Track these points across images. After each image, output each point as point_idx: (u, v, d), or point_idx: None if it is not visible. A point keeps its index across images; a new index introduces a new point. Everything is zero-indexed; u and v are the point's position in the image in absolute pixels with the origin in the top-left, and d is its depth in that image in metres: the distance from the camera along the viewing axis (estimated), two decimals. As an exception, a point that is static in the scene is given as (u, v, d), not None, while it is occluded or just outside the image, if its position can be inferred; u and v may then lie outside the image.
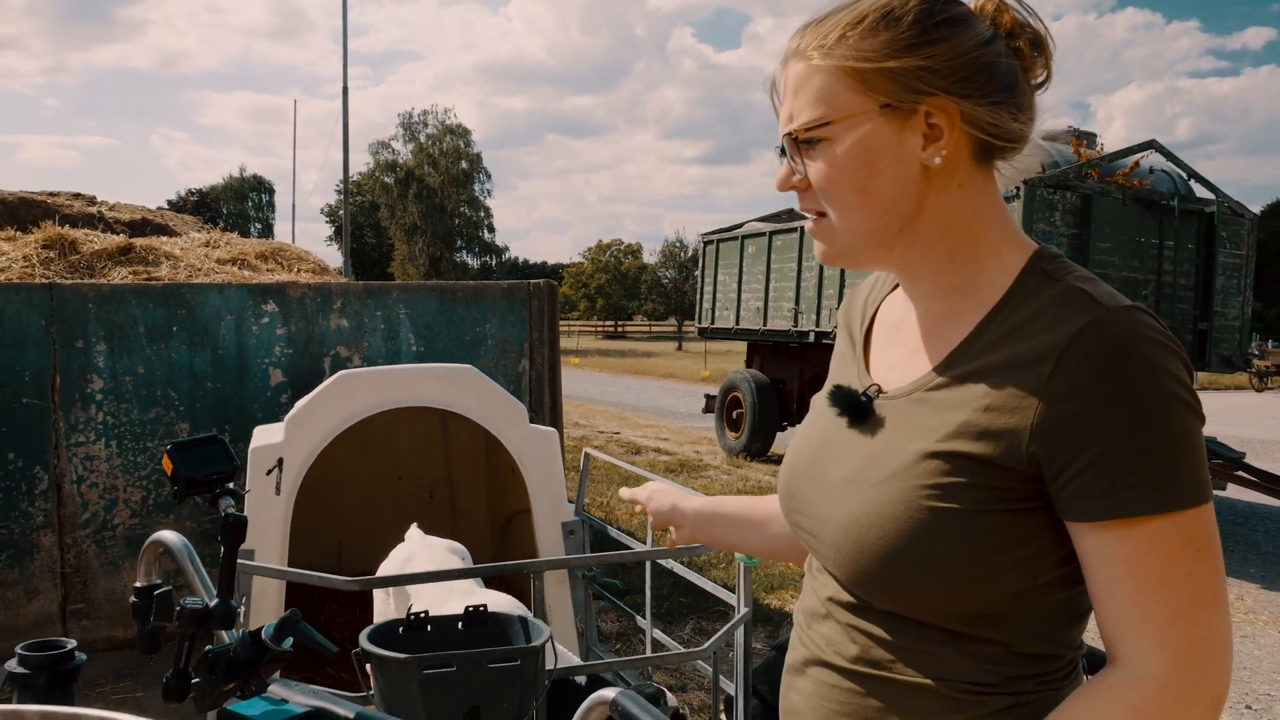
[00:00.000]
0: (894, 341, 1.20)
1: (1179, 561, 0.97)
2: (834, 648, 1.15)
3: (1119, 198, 9.10)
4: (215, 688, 1.25)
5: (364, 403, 3.65)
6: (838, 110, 1.07)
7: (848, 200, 1.09)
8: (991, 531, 1.02)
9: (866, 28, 1.06)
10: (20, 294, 5.11)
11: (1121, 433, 0.96)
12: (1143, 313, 1.00)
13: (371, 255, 67.75)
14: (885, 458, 1.09)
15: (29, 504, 5.09)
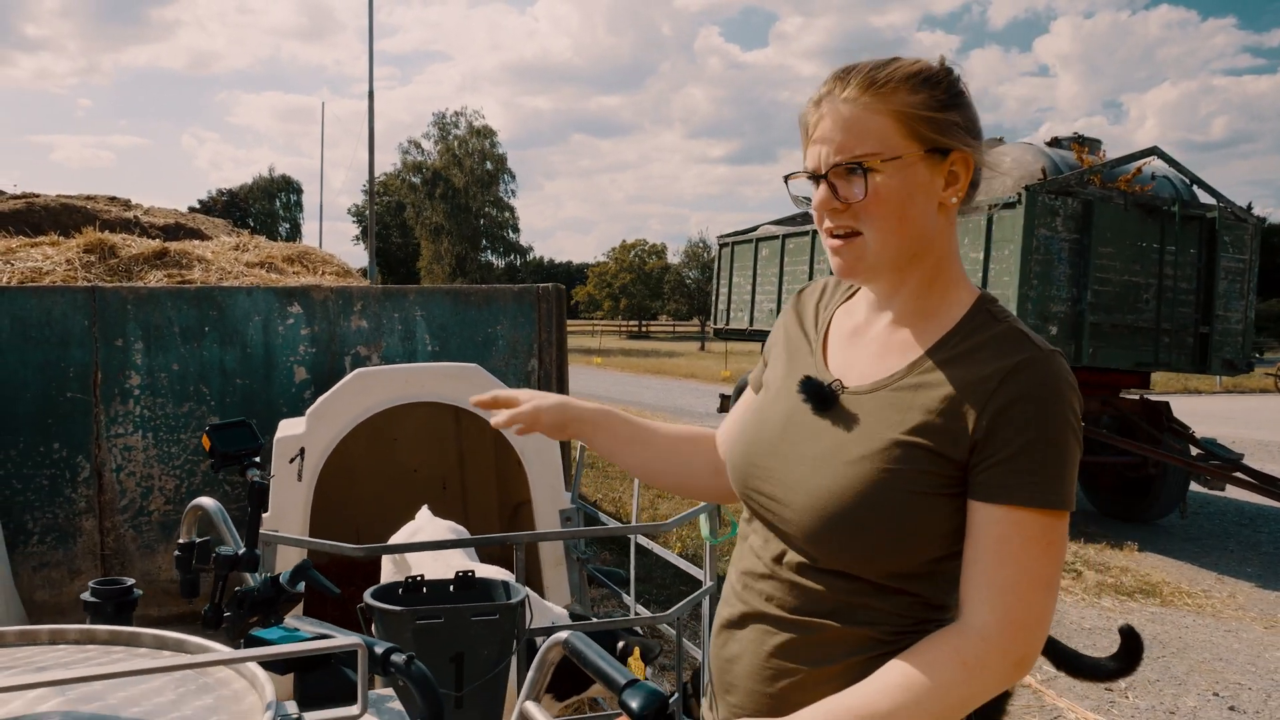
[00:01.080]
0: (853, 345, 1.44)
1: (1031, 548, 1.25)
2: (775, 602, 1.38)
3: (1120, 203, 9.26)
4: (242, 620, 1.58)
5: (379, 398, 3.99)
6: (891, 149, 1.30)
7: (888, 225, 1.32)
8: (931, 510, 1.29)
9: (915, 84, 1.31)
10: (66, 296, 5.50)
11: (1032, 444, 1.25)
12: (1062, 357, 1.32)
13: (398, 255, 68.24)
14: (856, 442, 1.33)
15: (72, 490, 5.48)
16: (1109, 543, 8.69)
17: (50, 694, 1.18)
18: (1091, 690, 5.04)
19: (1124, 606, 6.69)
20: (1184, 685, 5.20)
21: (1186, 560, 8.29)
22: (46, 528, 5.46)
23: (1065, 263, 9.14)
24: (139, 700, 1.20)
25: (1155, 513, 9.88)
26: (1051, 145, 10.43)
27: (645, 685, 1.46)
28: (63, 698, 1.18)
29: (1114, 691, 5.07)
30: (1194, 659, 5.63)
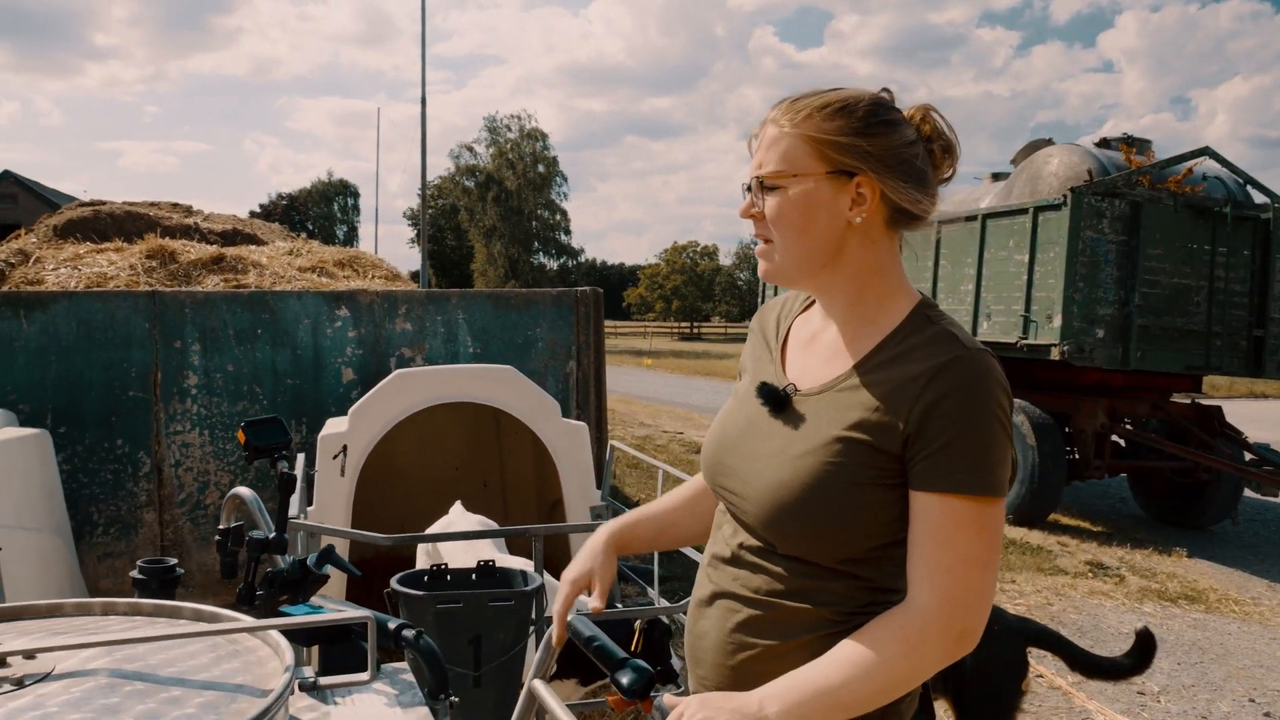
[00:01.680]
0: (807, 352, 1.58)
1: (965, 532, 1.37)
2: (740, 582, 1.51)
3: (1170, 204, 9.15)
4: (273, 598, 1.74)
5: (417, 398, 4.17)
6: (795, 168, 1.45)
7: (789, 235, 1.47)
8: (871, 499, 1.41)
9: (829, 112, 1.45)
10: (128, 300, 5.78)
11: (960, 435, 1.36)
12: (990, 355, 1.42)
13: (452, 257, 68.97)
14: (802, 439, 1.46)
15: (134, 484, 5.75)
16: (1157, 549, 8.61)
17: (100, 655, 1.35)
18: (1122, 693, 5.05)
19: (1166, 612, 6.65)
20: (1220, 691, 5.19)
21: (1237, 567, 8.19)
22: (110, 519, 5.74)
23: (1112, 265, 9.06)
24: (176, 662, 1.36)
25: (1207, 519, 9.74)
26: (1100, 146, 10.33)
27: (635, 663, 1.59)
28: (110, 658, 1.34)
29: (1146, 695, 5.07)
30: (1233, 665, 5.60)
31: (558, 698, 1.67)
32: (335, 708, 1.45)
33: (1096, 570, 7.69)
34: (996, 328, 9.76)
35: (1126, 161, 9.62)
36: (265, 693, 1.26)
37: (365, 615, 1.40)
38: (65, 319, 5.71)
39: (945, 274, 10.51)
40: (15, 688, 1.23)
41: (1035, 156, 10.58)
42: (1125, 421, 9.77)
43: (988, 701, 3.23)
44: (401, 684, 1.56)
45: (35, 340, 5.68)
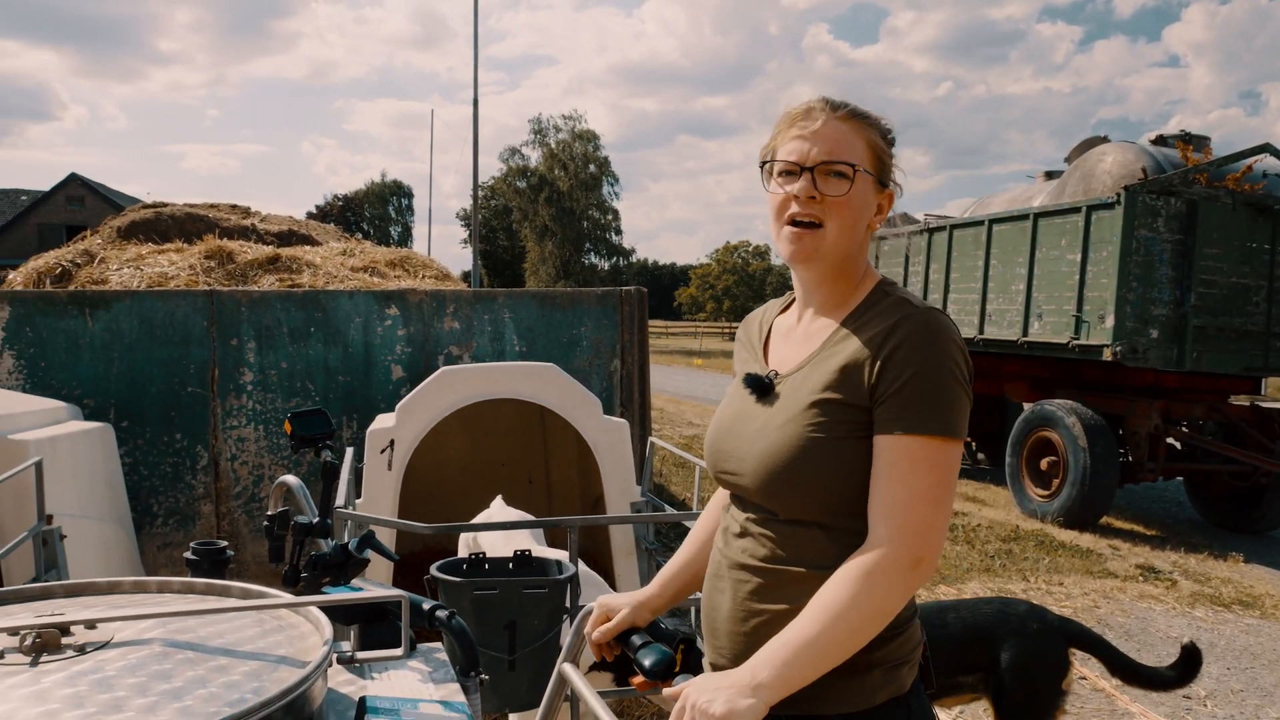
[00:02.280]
0: (786, 342, 1.73)
1: (920, 470, 1.49)
2: (747, 554, 1.64)
3: (1228, 203, 8.99)
4: (316, 579, 1.83)
5: (462, 394, 4.28)
6: (865, 165, 1.62)
7: (845, 224, 1.61)
8: (849, 452, 1.54)
9: (882, 128, 1.66)
10: (187, 299, 5.97)
11: (912, 379, 1.51)
12: (941, 313, 1.58)
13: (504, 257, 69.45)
14: (784, 410, 1.61)
15: (192, 477, 5.94)
16: (1212, 553, 8.47)
17: (155, 626, 1.44)
18: (1167, 697, 5.00)
19: (1218, 617, 6.55)
20: (1270, 697, 5.11)
21: (1294, 573, 8.03)
22: (169, 511, 5.94)
23: (1167, 264, 8.93)
24: (224, 635, 1.45)
25: (1265, 524, 9.56)
26: (1156, 144, 10.16)
27: (657, 647, 1.66)
28: (164, 630, 1.44)
29: (1192, 700, 5.02)
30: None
31: (587, 681, 1.74)
32: (372, 681, 1.53)
33: (1148, 574, 7.59)
34: (1048, 328, 9.66)
35: (1183, 159, 9.44)
36: (305, 664, 1.34)
37: (400, 595, 1.49)
38: (128, 317, 5.92)
39: (996, 273, 10.42)
40: (78, 654, 1.34)
41: (1089, 155, 10.44)
42: (1181, 424, 9.61)
43: (1028, 700, 3.23)
44: (435, 662, 1.64)
45: (99, 338, 5.89)
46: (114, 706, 1.18)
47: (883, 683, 1.55)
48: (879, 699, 1.56)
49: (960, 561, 7.68)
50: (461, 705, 1.41)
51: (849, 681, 1.54)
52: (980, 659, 3.22)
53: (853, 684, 1.55)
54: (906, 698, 1.59)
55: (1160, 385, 9.72)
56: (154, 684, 1.25)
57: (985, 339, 10.54)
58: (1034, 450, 9.74)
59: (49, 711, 1.16)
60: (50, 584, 1.67)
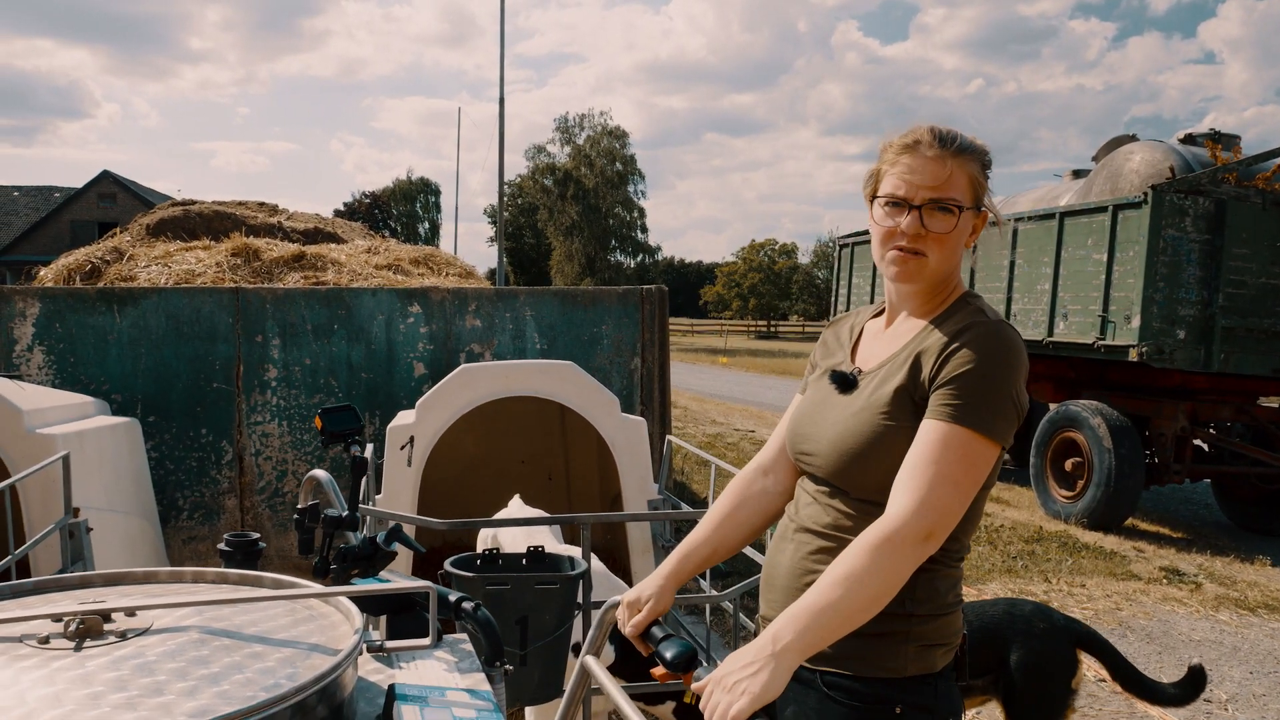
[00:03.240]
0: (876, 342, 1.85)
1: (948, 454, 1.59)
2: (814, 519, 1.77)
3: (1258, 202, 8.90)
4: (345, 571, 1.87)
5: (481, 392, 4.32)
6: (968, 201, 1.72)
7: (946, 254, 1.73)
8: (912, 440, 1.64)
9: (979, 157, 1.75)
10: (213, 296, 6.05)
11: (963, 376, 1.63)
12: (1012, 329, 1.70)
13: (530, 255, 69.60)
14: (860, 400, 1.75)
15: (217, 472, 6.02)
16: (1239, 556, 8.40)
17: (192, 614, 1.49)
18: (1188, 697, 4.98)
19: (1243, 621, 6.50)
20: (1294, 699, 5.08)
21: (1322, 577, 7.95)
22: (195, 505, 6.01)
23: (1195, 264, 8.85)
24: (258, 623, 1.49)
25: (1293, 527, 9.48)
26: (1185, 143, 10.07)
27: (678, 640, 1.68)
28: (201, 617, 1.48)
29: (1213, 703, 4.99)
30: (1310, 674, 5.47)
31: (608, 673, 1.77)
32: (400, 670, 1.57)
33: (1172, 576, 7.53)
34: (1073, 327, 9.60)
35: (1212, 158, 9.36)
36: (337, 652, 1.38)
37: (427, 586, 1.52)
38: (155, 314, 6.00)
39: (1021, 272, 10.36)
40: (119, 639, 1.38)
41: (1116, 153, 10.36)
42: (1208, 425, 9.53)
43: (1039, 700, 3.23)
44: (460, 652, 1.67)
45: (127, 334, 5.98)
46: (155, 690, 1.22)
47: (915, 657, 1.66)
48: (909, 671, 1.67)
49: (982, 562, 7.66)
50: (487, 694, 1.44)
51: (885, 648, 1.67)
52: (989, 660, 3.23)
53: (887, 651, 1.67)
54: (935, 678, 1.69)
55: (1187, 386, 9.63)
56: (193, 669, 1.29)
57: (1009, 339, 10.46)
58: (1059, 451, 9.69)
59: (94, 694, 1.20)
60: (89, 574, 1.72)
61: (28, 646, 1.35)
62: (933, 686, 1.68)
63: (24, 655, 1.32)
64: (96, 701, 1.18)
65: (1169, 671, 5.36)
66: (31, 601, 1.58)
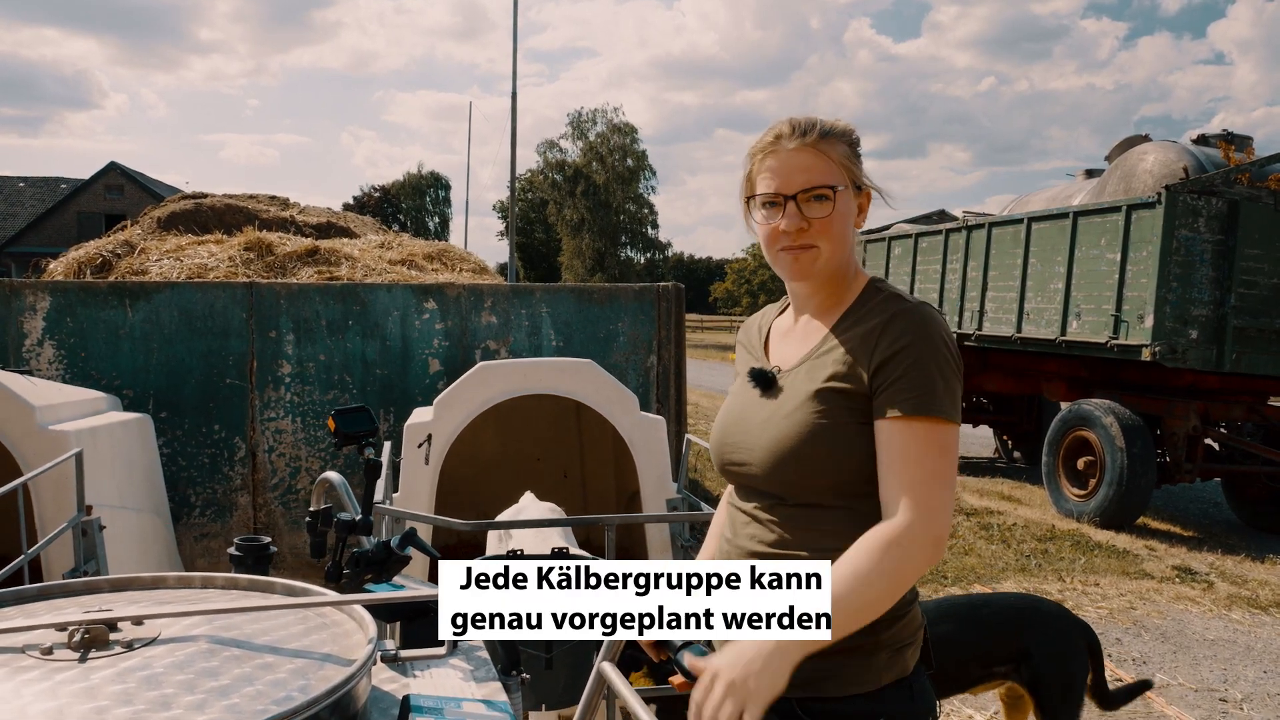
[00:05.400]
0: (785, 341, 1.82)
1: (927, 451, 1.58)
2: (757, 539, 1.72)
3: (1270, 203, 8.86)
4: (358, 577, 1.85)
5: (499, 389, 4.30)
6: (839, 182, 1.69)
7: (836, 241, 1.71)
8: (854, 437, 1.63)
9: (842, 137, 1.73)
10: (226, 291, 6.04)
11: (911, 367, 1.60)
12: (931, 306, 1.68)
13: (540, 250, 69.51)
14: (789, 401, 1.70)
15: (230, 468, 6.01)
16: (1249, 555, 8.35)
17: (201, 623, 1.47)
18: (1203, 699, 4.95)
19: (1255, 620, 6.46)
20: (1309, 702, 5.04)
21: (1334, 577, 7.90)
22: (207, 502, 6.01)
23: (1208, 265, 8.81)
24: (269, 632, 1.47)
25: (1304, 526, 9.43)
26: (1198, 143, 10.03)
27: (697, 647, 1.66)
28: (210, 626, 1.46)
29: (1228, 702, 4.95)
30: (1325, 677, 5.43)
31: (625, 679, 1.75)
32: (414, 679, 1.55)
33: (1184, 575, 7.49)
34: (1086, 327, 9.56)
35: (1225, 159, 9.33)
36: (350, 662, 1.36)
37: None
38: (167, 308, 6.00)
39: (1035, 271, 10.33)
40: (125, 650, 1.36)
41: (1130, 153, 10.33)
42: (1219, 425, 9.50)
43: (1066, 690, 3.31)
44: (476, 660, 1.65)
45: (139, 328, 5.97)
46: (162, 703, 1.20)
47: (888, 664, 1.63)
48: (885, 680, 1.63)
49: (996, 561, 7.62)
50: (504, 705, 1.42)
51: (857, 663, 1.63)
52: (1014, 648, 3.29)
53: (861, 666, 1.63)
54: (909, 679, 1.67)
55: (1199, 386, 9.60)
56: (201, 681, 1.27)
57: (1023, 337, 10.46)
58: (1071, 450, 9.66)
59: (99, 708, 1.18)
60: (95, 579, 1.69)
61: (30, 657, 1.33)
62: (908, 689, 1.66)
63: (26, 666, 1.30)
64: (101, 715, 1.16)
65: (1184, 671, 5.35)
66: (35, 609, 1.56)
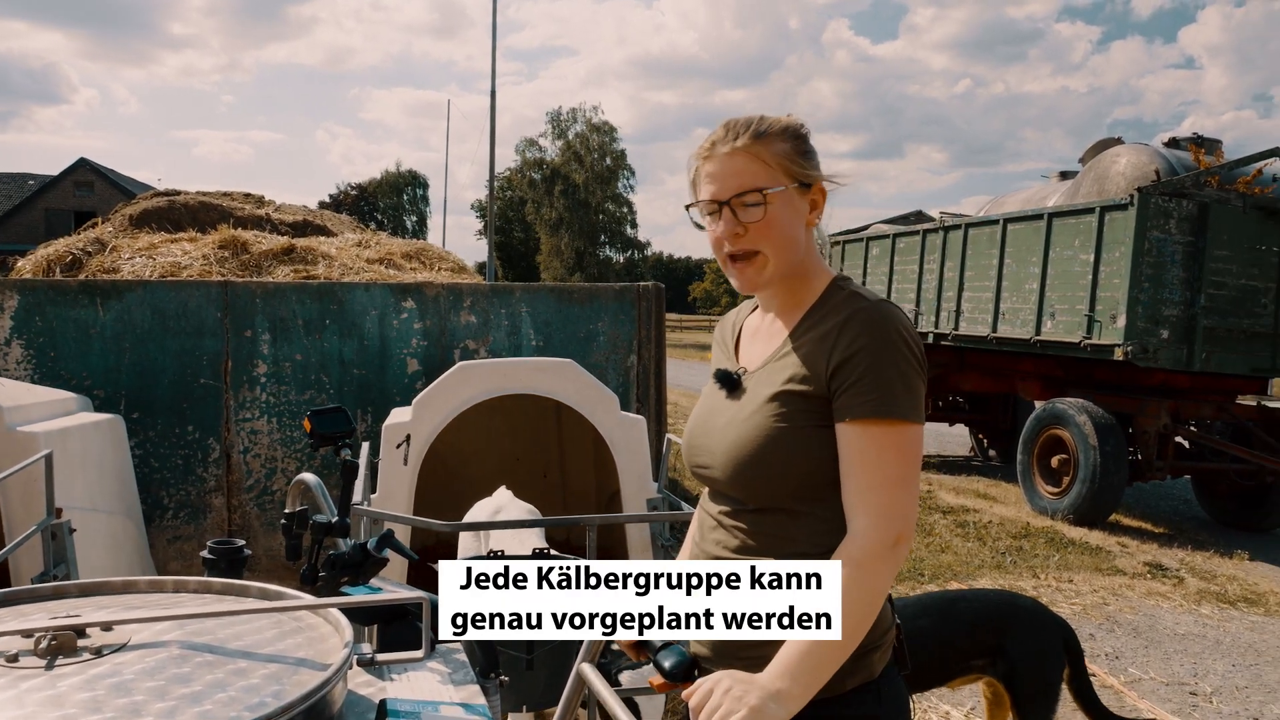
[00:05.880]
0: (754, 341, 1.80)
1: (885, 453, 1.55)
2: (721, 544, 1.72)
3: (1238, 205, 8.98)
4: (334, 579, 1.84)
5: (479, 389, 4.29)
6: (773, 183, 1.65)
7: (779, 244, 1.66)
8: (812, 441, 1.61)
9: (782, 135, 1.68)
10: (201, 289, 5.98)
11: (867, 370, 1.56)
12: (890, 304, 1.63)
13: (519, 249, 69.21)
14: (749, 404, 1.68)
15: (204, 470, 5.96)
16: (1218, 551, 8.47)
17: (173, 628, 1.45)
18: (1174, 693, 5.01)
19: (1224, 614, 6.55)
20: (1274, 694, 5.11)
21: (1301, 572, 8.03)
22: (180, 504, 5.96)
23: (1178, 266, 8.92)
24: (243, 636, 1.46)
25: (1270, 522, 9.60)
26: (1169, 146, 10.17)
27: (676, 648, 1.66)
28: (181, 631, 1.44)
29: (1198, 696, 5.02)
30: (1293, 671, 5.52)
31: (604, 680, 1.75)
32: (391, 683, 1.54)
33: (1155, 571, 7.59)
34: (1060, 327, 9.66)
35: (1195, 162, 9.47)
36: (326, 667, 1.35)
37: (421, 596, 1.49)
38: (140, 307, 5.93)
39: (1010, 272, 10.43)
40: (94, 656, 1.34)
41: (1103, 156, 10.46)
42: (1189, 423, 9.63)
43: (1042, 686, 3.34)
44: (454, 663, 1.65)
45: (111, 328, 5.91)
46: (132, 711, 1.19)
47: (852, 669, 1.59)
48: (848, 685, 1.60)
49: (972, 558, 7.68)
50: (482, 708, 1.42)
51: None
52: (990, 643, 3.33)
53: None
54: (877, 683, 1.64)
55: (1170, 385, 9.74)
56: (173, 688, 1.26)
57: (999, 337, 10.56)
58: (1045, 448, 9.76)
59: (66, 716, 1.16)
60: (64, 583, 1.67)
61: (-2, 664, 1.31)
62: (875, 693, 1.63)
63: (-5, 674, 1.28)
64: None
65: (1155, 665, 5.42)
66: (1, 615, 1.53)
